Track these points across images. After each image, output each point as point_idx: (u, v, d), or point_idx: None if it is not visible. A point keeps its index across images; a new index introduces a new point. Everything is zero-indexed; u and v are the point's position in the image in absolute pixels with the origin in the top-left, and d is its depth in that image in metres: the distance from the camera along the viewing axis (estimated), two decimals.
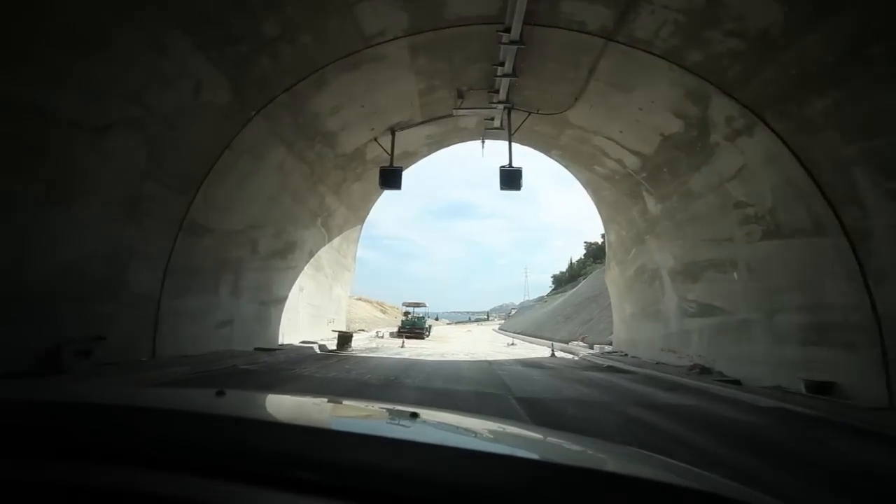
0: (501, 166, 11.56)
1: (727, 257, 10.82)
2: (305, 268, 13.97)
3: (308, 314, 14.72)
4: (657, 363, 14.10)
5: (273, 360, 9.87)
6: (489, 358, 15.99)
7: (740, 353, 10.56)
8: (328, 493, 0.56)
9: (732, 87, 8.04)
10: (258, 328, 11.35)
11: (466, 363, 13.28)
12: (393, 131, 12.05)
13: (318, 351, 12.71)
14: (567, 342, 28.27)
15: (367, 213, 16.87)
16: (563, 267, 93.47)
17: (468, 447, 0.88)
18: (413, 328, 30.42)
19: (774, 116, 7.71)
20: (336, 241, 15.66)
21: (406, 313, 33.18)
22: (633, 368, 13.47)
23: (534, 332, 39.77)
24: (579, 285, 47.32)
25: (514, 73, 9.70)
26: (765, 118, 7.87)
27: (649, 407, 6.91)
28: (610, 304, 31.16)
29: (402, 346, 20.09)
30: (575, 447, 1.12)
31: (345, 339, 13.20)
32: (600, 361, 15.83)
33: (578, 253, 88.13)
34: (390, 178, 11.61)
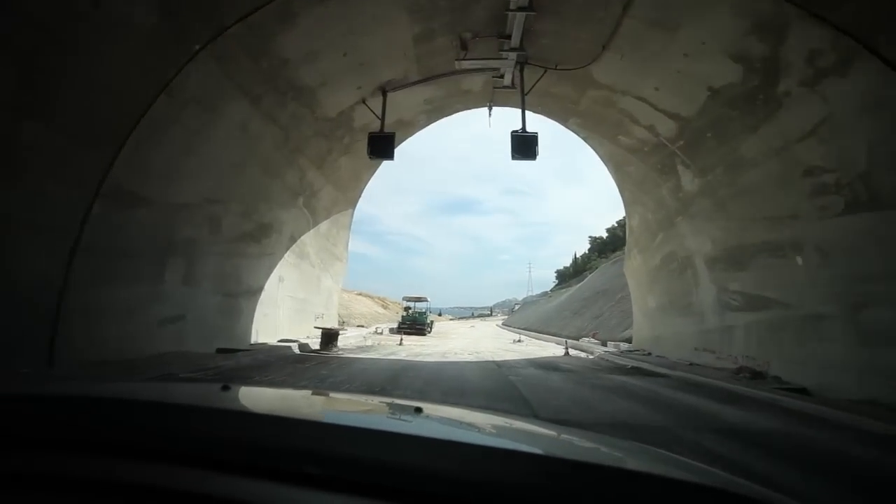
0: (513, 131, 9.53)
1: (789, 238, 8.79)
2: (286, 255, 12.03)
3: (291, 309, 12.79)
4: (690, 364, 12.11)
5: (234, 365, 7.93)
6: (496, 358, 14.02)
7: (806, 356, 8.54)
8: (331, 486, 0.56)
9: (827, 6, 5.98)
10: (223, 325, 9.41)
11: (471, 365, 11.32)
12: (384, 91, 10.04)
13: (296, 351, 10.77)
14: (577, 338, 26.29)
15: (359, 195, 14.87)
16: (567, 262, 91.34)
17: (471, 442, 0.86)
18: (414, 324, 28.48)
19: (891, 40, 5.66)
20: (323, 225, 13.70)
21: (406, 308, 31.18)
22: (663, 370, 11.48)
23: (540, 328, 37.78)
24: (586, 279, 45.24)
25: (530, 7, 7.64)
26: (874, 45, 5.82)
27: (726, 434, 4.93)
28: (622, 297, 29.16)
29: (400, 344, 18.14)
30: (582, 443, 1.13)
31: (329, 337, 11.28)
32: (622, 361, 13.85)
33: (582, 248, 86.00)
34: (381, 146, 9.62)
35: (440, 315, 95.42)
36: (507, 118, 9.97)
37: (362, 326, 32.86)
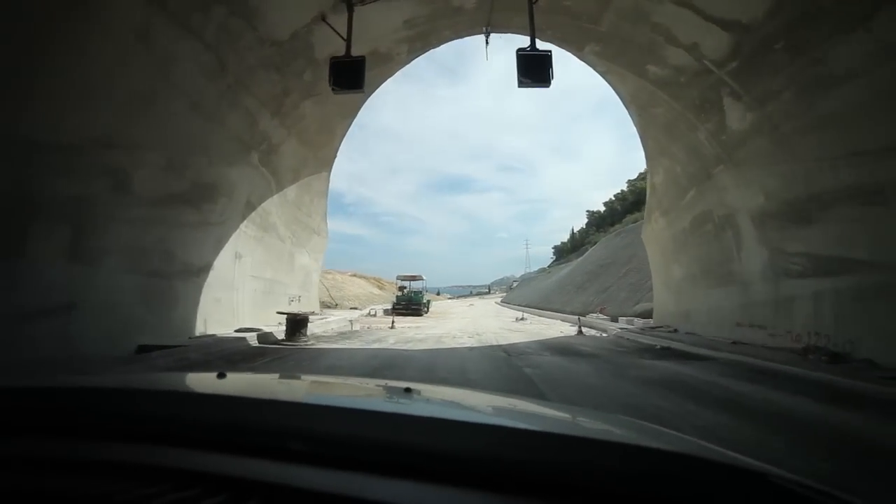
0: (519, 49, 7.05)
1: (889, 180, 6.48)
2: (243, 226, 9.65)
3: (255, 291, 10.47)
4: (733, 343, 9.93)
5: (151, 367, 5.65)
6: (502, 341, 11.81)
7: None
8: (324, 464, 0.58)
9: None
10: (148, 315, 7.06)
11: (474, 354, 9.06)
12: (350, 3, 7.48)
13: (253, 343, 8.47)
14: (583, 314, 24.20)
15: (334, 155, 12.40)
16: (564, 238, 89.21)
17: (457, 419, 0.87)
18: (409, 304, 26.29)
19: None
20: (291, 190, 11.29)
21: (401, 288, 28.89)
22: (704, 352, 9.29)
23: (541, 305, 35.74)
24: (587, 253, 43.03)
25: None
26: None
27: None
28: (630, 270, 26.96)
29: (392, 328, 15.92)
30: (575, 418, 1.15)
31: (296, 324, 8.93)
32: (646, 340, 11.68)
33: (579, 223, 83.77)
34: (347, 74, 7.10)
35: (438, 294, 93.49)
36: (506, 48, 7.41)
37: (355, 308, 30.66)
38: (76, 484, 0.56)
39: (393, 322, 16.54)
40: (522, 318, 23.18)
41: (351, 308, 31.14)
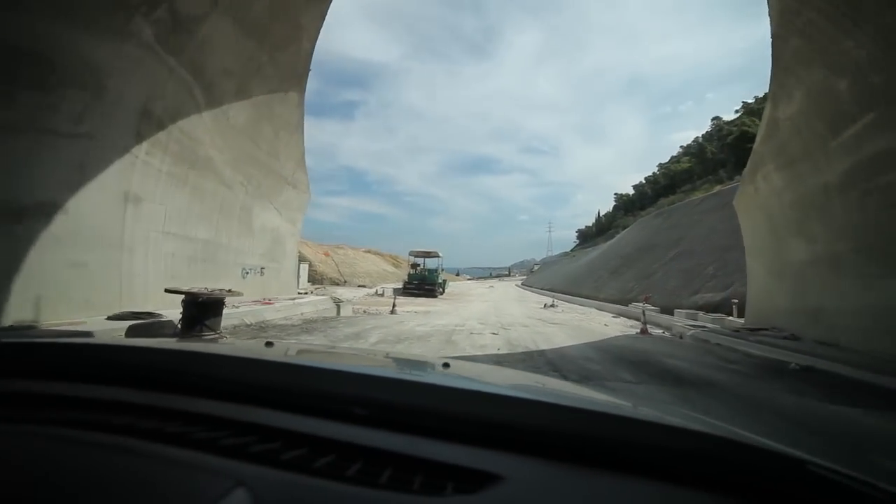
0: None
1: None
2: (142, 152, 5.82)
3: (173, 256, 6.68)
4: None
5: None
6: (540, 342, 7.81)
7: None
8: (372, 424, 0.63)
9: None
10: None
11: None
12: None
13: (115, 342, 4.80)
14: (620, 302, 19.92)
15: (305, 67, 8.33)
16: (588, 222, 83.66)
17: (489, 391, 0.89)
18: (422, 284, 22.42)
19: None
20: (238, 112, 7.40)
21: (414, 266, 24.88)
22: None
23: (568, 289, 31.42)
24: (620, 235, 38.18)
25: None
26: None
27: None
28: (679, 254, 22.02)
29: (392, 313, 12.08)
30: (601, 397, 1.22)
31: (199, 310, 5.01)
32: (760, 352, 7.46)
33: (605, 207, 78.04)
34: None
35: (458, 275, 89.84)
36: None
37: (363, 286, 27.08)
38: (180, 429, 0.60)
39: (394, 306, 12.63)
40: (553, 305, 19.02)
41: (359, 286, 27.59)
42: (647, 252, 25.30)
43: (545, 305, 19.08)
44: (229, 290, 5.22)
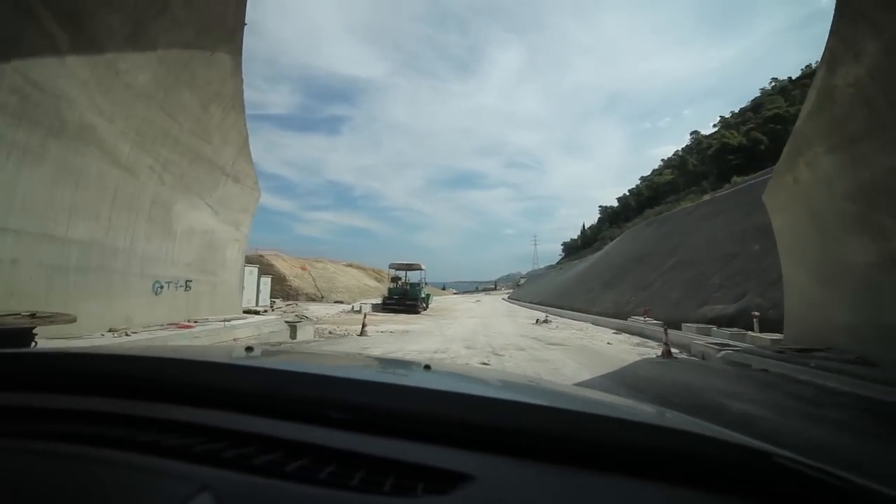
0: None
1: None
2: None
3: (11, 264, 4.49)
4: None
5: None
6: (546, 377, 5.76)
7: None
8: (349, 427, 0.62)
9: None
10: None
11: None
12: None
13: None
14: (617, 316, 18.08)
15: (236, 11, 6.29)
16: (572, 235, 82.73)
17: (471, 392, 0.88)
18: (403, 299, 20.23)
19: None
20: (138, 68, 5.36)
21: (394, 279, 22.57)
22: None
23: (557, 302, 29.57)
24: (609, 246, 36.65)
25: None
26: None
27: None
28: (679, 263, 20.35)
29: (362, 334, 9.95)
30: (588, 396, 1.25)
31: None
32: (829, 382, 5.60)
33: (588, 220, 77.29)
34: None
35: (444, 289, 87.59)
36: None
37: (340, 302, 24.73)
38: (151, 437, 0.58)
39: (363, 326, 10.47)
40: (546, 321, 17.02)
41: (336, 301, 25.22)
42: (641, 262, 23.65)
43: (537, 321, 17.08)
44: (33, 315, 3.08)
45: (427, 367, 1.09)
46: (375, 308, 20.73)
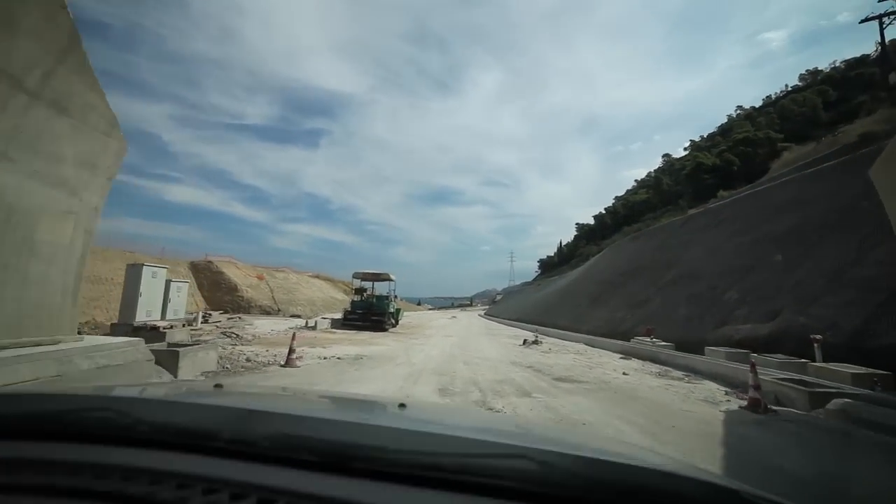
0: None
1: None
2: None
3: None
4: None
5: None
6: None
7: None
8: (325, 470, 0.59)
9: None
10: None
11: None
12: None
13: None
14: (617, 336, 15.27)
15: None
16: (548, 252, 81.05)
17: (447, 433, 0.85)
18: (368, 314, 16.79)
19: None
20: None
21: (359, 291, 18.64)
22: None
23: (538, 319, 26.67)
24: (592, 261, 34.24)
25: None
26: None
27: None
28: (682, 277, 17.64)
29: (289, 364, 6.57)
30: (565, 437, 1.15)
31: None
32: None
33: (565, 238, 75.87)
34: None
35: (419, 304, 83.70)
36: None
37: (297, 316, 20.97)
38: (113, 485, 0.56)
39: (290, 352, 7.02)
40: (536, 342, 13.92)
41: (291, 316, 21.45)
42: (633, 277, 21.09)
43: (525, 342, 13.98)
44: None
45: (402, 405, 1.02)
46: (336, 324, 17.20)
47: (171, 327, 8.72)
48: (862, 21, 25.34)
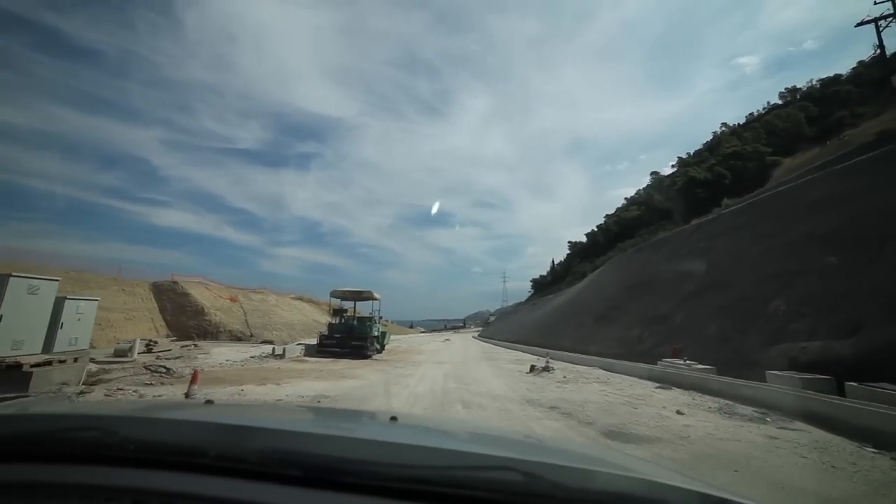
0: None
1: None
2: None
3: None
4: None
5: None
6: None
7: None
8: (316, 486, 0.57)
9: None
10: None
11: None
12: None
13: None
14: (635, 357, 12.82)
15: None
16: (540, 272, 78.99)
17: (435, 446, 0.81)
18: (348, 338, 14.10)
19: None
20: None
21: (337, 312, 15.94)
22: None
23: (537, 341, 24.13)
24: (592, 276, 31.94)
25: None
26: None
27: None
28: (704, 288, 14.69)
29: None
30: (556, 447, 1.12)
31: None
32: None
33: (557, 257, 73.99)
34: None
35: (411, 327, 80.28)
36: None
37: (269, 342, 18.11)
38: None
39: (192, 388, 4.41)
40: (547, 368, 11.35)
41: (263, 342, 18.61)
42: (644, 291, 18.76)
43: (533, 369, 11.41)
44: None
45: (394, 418, 1.01)
46: (311, 350, 14.46)
47: (51, 363, 6.05)
48: (858, 24, 24.37)
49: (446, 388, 7.82)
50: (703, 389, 8.37)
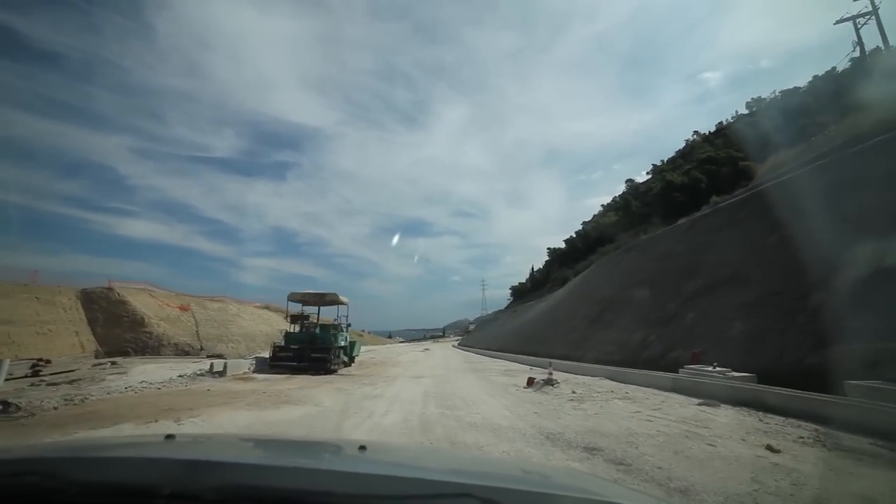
0: None
1: None
2: None
3: None
4: None
5: None
6: None
7: None
8: None
9: None
10: None
11: None
12: None
13: None
14: (641, 364, 10.77)
15: None
16: (518, 280, 77.50)
17: (411, 476, 0.78)
18: (307, 349, 11.50)
19: None
20: None
21: (296, 319, 13.11)
22: None
23: (522, 348, 22.01)
24: (577, 279, 30.16)
25: None
26: None
27: None
28: (715, 285, 11.93)
29: None
30: (523, 473, 1.07)
31: None
32: None
33: (536, 265, 72.67)
34: None
35: (390, 337, 76.85)
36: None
37: (219, 356, 15.17)
38: None
39: None
40: (550, 382, 9.06)
41: (211, 356, 15.63)
42: (643, 290, 16.86)
43: (532, 382, 9.10)
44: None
45: (363, 447, 0.92)
46: (264, 364, 11.75)
47: None
48: (837, 22, 23.89)
49: (426, 416, 5.43)
50: (761, 406, 6.33)
